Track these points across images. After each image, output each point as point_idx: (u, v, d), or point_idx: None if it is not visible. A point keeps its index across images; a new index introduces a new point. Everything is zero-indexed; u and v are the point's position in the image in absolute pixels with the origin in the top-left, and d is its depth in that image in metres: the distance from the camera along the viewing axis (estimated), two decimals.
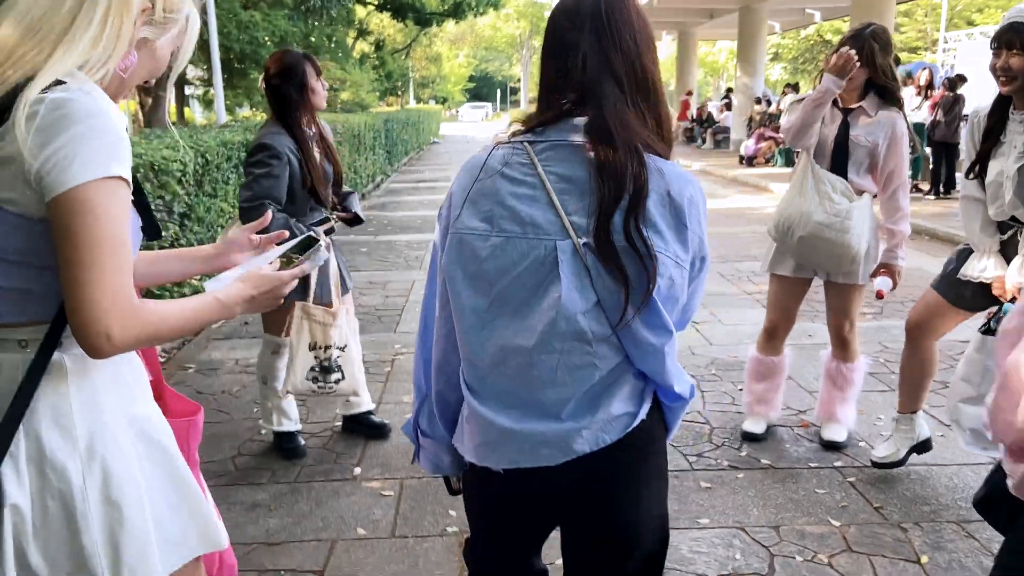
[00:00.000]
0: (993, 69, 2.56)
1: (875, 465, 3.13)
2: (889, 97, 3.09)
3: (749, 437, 3.51)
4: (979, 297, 2.77)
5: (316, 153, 3.14)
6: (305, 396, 3.19)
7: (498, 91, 77.20)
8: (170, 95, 18.03)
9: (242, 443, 3.54)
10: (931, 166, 10.92)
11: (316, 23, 19.01)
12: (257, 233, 1.68)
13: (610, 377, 1.28)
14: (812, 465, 3.25)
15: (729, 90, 20.73)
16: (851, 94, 3.13)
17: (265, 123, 3.25)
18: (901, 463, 3.11)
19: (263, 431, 3.58)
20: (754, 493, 3.04)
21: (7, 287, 1.17)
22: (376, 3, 23.61)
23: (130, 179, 1.17)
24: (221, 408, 3.95)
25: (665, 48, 32.80)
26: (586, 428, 1.27)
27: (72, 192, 1.09)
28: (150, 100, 14.90)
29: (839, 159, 3.12)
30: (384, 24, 28.66)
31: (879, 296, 3.16)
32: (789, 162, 15.96)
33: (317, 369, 3.09)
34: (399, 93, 35.86)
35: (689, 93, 24.71)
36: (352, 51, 26.06)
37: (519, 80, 68.31)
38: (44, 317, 1.19)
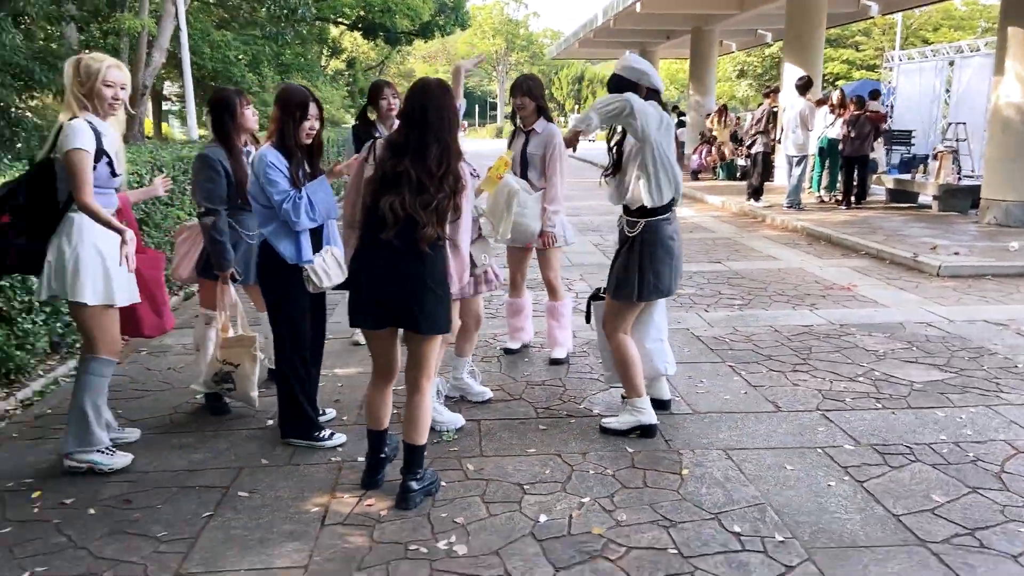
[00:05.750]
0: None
1: (601, 430, 3.86)
2: (549, 118, 4.73)
3: (508, 351, 5.14)
4: None
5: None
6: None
7: (476, 106, 78.35)
8: (146, 111, 18.66)
9: (179, 404, 4.32)
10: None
11: (287, 42, 19.77)
12: None
13: None
14: None
15: (675, 107, 21.66)
16: (528, 119, 4.69)
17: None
18: (623, 435, 3.79)
19: (197, 395, 4.36)
20: (578, 431, 3.87)
21: None
22: (347, 23, 24.50)
23: (89, 148, 3.17)
24: (165, 380, 4.73)
25: None
26: None
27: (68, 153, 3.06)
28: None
29: (523, 167, 4.68)
30: (357, 43, 29.49)
31: (528, 251, 4.85)
32: (730, 175, 16.92)
33: (219, 376, 3.93)
34: None
35: None
36: (326, 69, 26.90)
37: (496, 95, 69.45)
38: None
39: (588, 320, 4.18)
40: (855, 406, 4.15)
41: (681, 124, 22.01)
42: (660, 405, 4.01)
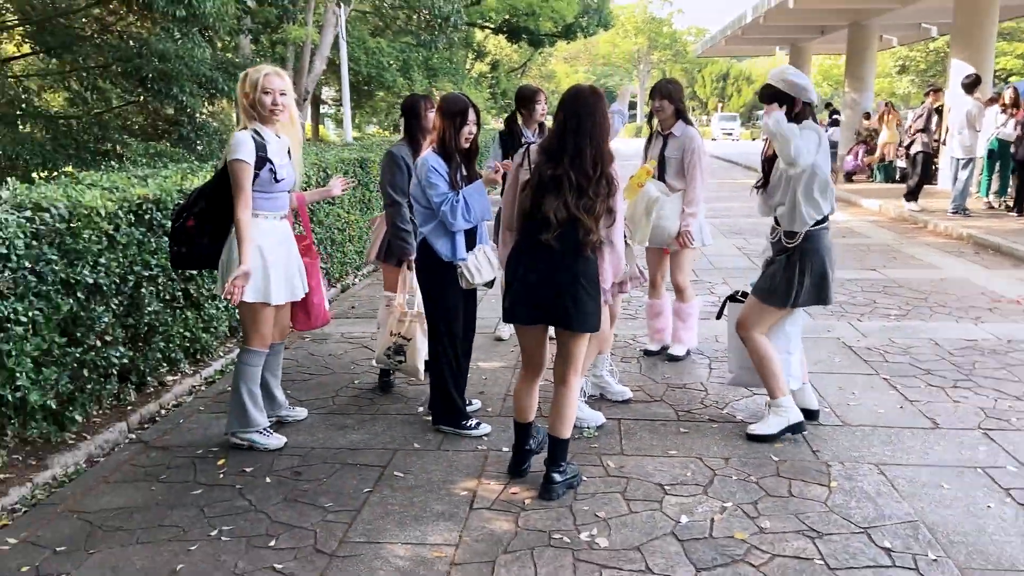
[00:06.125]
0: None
1: (749, 437, 3.80)
2: (688, 121, 4.72)
3: (647, 353, 5.17)
4: None
5: None
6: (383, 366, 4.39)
7: None
8: (306, 115, 19.91)
9: (340, 388, 4.67)
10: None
11: (438, 48, 20.51)
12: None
13: None
14: None
15: (828, 104, 20.59)
16: (666, 123, 4.71)
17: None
18: (773, 439, 3.76)
19: (369, 372, 4.71)
20: (720, 437, 3.85)
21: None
22: (492, 27, 25.11)
23: (248, 159, 3.45)
24: (327, 365, 5.11)
25: (776, 62, 32.52)
26: None
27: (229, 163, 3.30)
28: None
29: (660, 169, 4.72)
30: (501, 45, 30.13)
31: (666, 253, 4.89)
32: (888, 178, 15.97)
33: (391, 349, 4.19)
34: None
35: None
36: (470, 71, 27.68)
37: (636, 95, 68.76)
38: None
39: (719, 317, 4.18)
40: (1021, 426, 3.89)
41: (835, 123, 20.97)
42: (808, 415, 3.92)
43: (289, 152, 3.74)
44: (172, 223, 3.75)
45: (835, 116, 20.52)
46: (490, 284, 3.93)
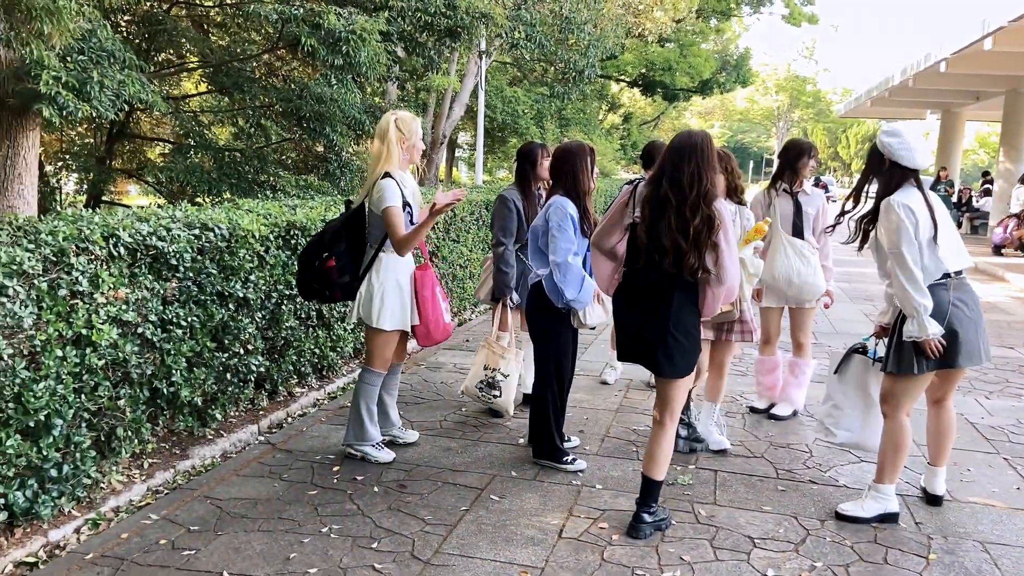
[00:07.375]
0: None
1: (838, 516, 3.59)
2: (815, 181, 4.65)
3: (753, 410, 5.15)
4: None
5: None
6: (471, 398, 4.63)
7: (751, 162, 76.42)
8: (442, 158, 20.88)
9: (448, 414, 4.94)
10: None
11: (571, 100, 21.10)
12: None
13: None
14: None
15: (985, 174, 19.46)
16: (799, 181, 4.77)
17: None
18: (865, 522, 3.53)
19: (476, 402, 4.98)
20: (820, 498, 3.81)
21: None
22: (628, 80, 25.55)
23: (399, 204, 3.77)
24: (438, 392, 5.41)
25: (925, 126, 31.01)
26: None
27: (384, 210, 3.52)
28: (426, 161, 17.72)
29: (797, 227, 4.72)
30: (635, 98, 30.50)
31: (827, 307, 5.02)
32: None
33: (484, 383, 4.41)
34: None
35: (943, 171, 23.10)
36: (602, 123, 28.16)
37: (774, 151, 67.23)
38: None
39: (836, 371, 3.91)
40: None
41: (987, 193, 19.82)
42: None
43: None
44: (307, 259, 3.98)
45: (987, 186, 19.39)
46: (594, 326, 4.09)
